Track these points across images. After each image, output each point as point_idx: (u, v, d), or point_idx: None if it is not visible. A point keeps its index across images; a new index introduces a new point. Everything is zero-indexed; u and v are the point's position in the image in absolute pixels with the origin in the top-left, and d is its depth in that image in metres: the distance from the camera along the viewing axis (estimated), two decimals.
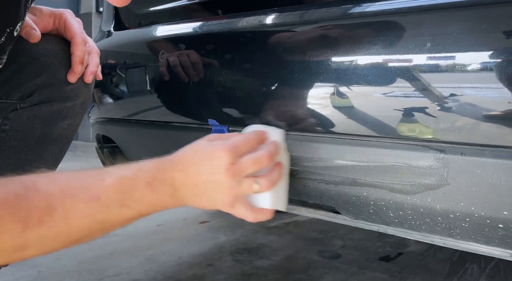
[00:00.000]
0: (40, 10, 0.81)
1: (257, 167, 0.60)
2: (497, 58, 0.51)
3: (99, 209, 0.54)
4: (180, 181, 0.58)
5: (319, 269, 1.25)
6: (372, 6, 0.63)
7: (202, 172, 0.58)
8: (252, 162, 0.60)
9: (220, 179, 0.58)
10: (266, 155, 0.61)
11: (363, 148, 0.64)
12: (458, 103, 0.54)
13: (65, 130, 0.84)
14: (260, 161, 0.60)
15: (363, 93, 0.63)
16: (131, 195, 0.55)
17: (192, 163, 0.59)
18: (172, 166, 0.59)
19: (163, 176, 0.58)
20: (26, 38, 0.76)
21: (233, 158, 0.58)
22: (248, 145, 0.62)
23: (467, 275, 1.22)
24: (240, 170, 0.59)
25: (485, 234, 0.59)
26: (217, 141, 0.61)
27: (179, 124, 0.93)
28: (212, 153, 0.59)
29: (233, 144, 0.59)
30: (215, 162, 0.58)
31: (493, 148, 0.54)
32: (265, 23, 0.75)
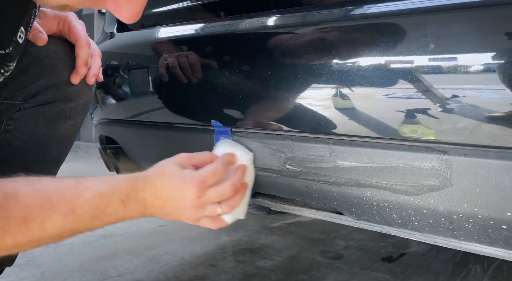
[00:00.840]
0: (44, 13, 0.82)
1: (221, 198, 0.67)
2: (499, 59, 0.51)
3: (73, 221, 0.59)
4: (150, 202, 0.65)
5: (322, 269, 1.25)
6: (374, 8, 0.63)
7: (170, 198, 0.65)
8: (217, 195, 0.67)
9: (186, 207, 0.66)
10: (230, 189, 0.67)
11: (365, 150, 0.64)
12: (460, 104, 0.54)
13: (68, 130, 0.85)
14: (224, 194, 0.67)
15: (366, 95, 0.63)
16: (104, 210, 0.61)
17: (162, 188, 0.65)
18: (144, 188, 0.65)
19: (136, 196, 0.64)
20: (33, 41, 0.77)
21: (200, 192, 0.65)
22: (216, 177, 0.67)
23: (470, 276, 1.22)
24: (205, 202, 0.66)
25: (488, 235, 0.59)
26: (187, 172, 0.66)
27: (182, 125, 0.93)
28: (181, 185, 0.65)
29: (201, 179, 0.65)
30: (183, 193, 0.65)
31: (496, 149, 0.54)
32: (267, 24, 0.76)
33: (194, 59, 0.85)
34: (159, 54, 0.92)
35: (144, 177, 0.66)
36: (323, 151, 0.69)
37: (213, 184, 0.67)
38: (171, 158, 0.70)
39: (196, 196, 0.65)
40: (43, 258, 1.28)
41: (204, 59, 0.84)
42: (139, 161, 1.17)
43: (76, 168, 2.65)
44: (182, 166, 0.68)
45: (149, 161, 1.16)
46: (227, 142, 0.78)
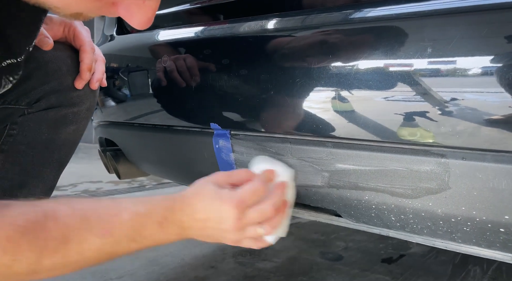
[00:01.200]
0: (50, 19, 0.83)
1: (262, 219, 0.64)
2: (497, 62, 0.51)
3: (110, 244, 0.57)
4: (188, 224, 0.63)
5: (322, 271, 1.25)
6: (373, 12, 0.63)
7: (209, 220, 0.63)
8: (258, 216, 0.64)
9: (226, 229, 0.63)
10: (271, 209, 0.64)
11: (364, 152, 0.65)
12: (459, 107, 0.55)
13: (71, 135, 0.86)
14: (265, 214, 0.64)
15: (364, 98, 0.63)
16: (141, 232, 0.60)
17: (199, 210, 0.63)
18: (182, 209, 0.63)
19: (173, 218, 0.62)
20: (39, 45, 0.78)
21: (240, 213, 0.62)
22: (256, 197, 0.64)
23: (469, 277, 1.22)
24: (246, 223, 0.63)
25: (486, 238, 0.59)
26: (226, 192, 0.63)
27: (181, 128, 0.93)
28: (220, 206, 0.62)
29: (241, 199, 0.62)
30: (222, 214, 0.62)
31: (494, 152, 0.54)
32: (266, 28, 0.76)
33: (193, 62, 0.85)
34: (158, 57, 0.93)
35: (181, 197, 0.64)
36: (322, 154, 0.69)
37: (253, 203, 0.64)
38: (208, 177, 0.67)
39: (236, 217, 0.62)
40: None
41: (203, 62, 0.84)
42: (139, 163, 1.17)
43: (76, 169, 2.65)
44: (219, 186, 0.65)
45: (148, 163, 1.17)
46: (265, 158, 0.74)
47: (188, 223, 0.63)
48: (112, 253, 0.59)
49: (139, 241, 0.60)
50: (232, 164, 0.83)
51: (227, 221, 0.62)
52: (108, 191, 2.31)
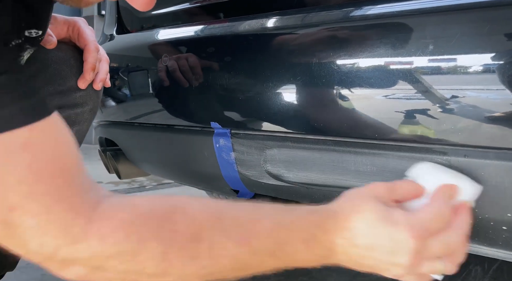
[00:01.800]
0: (54, 18, 0.83)
1: (448, 253, 0.50)
2: (499, 60, 0.51)
3: (247, 254, 0.48)
4: (343, 249, 0.50)
5: (322, 271, 1.25)
6: (373, 9, 0.63)
7: (375, 249, 0.49)
8: (443, 249, 0.50)
9: (398, 263, 0.49)
10: (462, 241, 0.50)
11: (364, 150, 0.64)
12: (460, 104, 0.55)
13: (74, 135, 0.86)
14: (451, 247, 0.50)
15: (366, 96, 0.63)
16: (283, 248, 0.49)
17: (363, 235, 0.49)
18: (336, 229, 0.50)
19: (324, 237, 0.50)
20: (43, 44, 0.78)
21: (421, 245, 0.48)
22: (442, 223, 0.50)
23: (470, 277, 1.22)
24: (425, 257, 0.50)
25: (488, 236, 0.59)
26: (400, 214, 0.49)
27: (181, 127, 0.93)
28: (395, 233, 0.48)
29: (422, 226, 0.48)
30: (396, 246, 0.48)
31: (496, 150, 0.54)
32: (267, 26, 0.76)
33: (193, 61, 0.85)
34: (158, 56, 0.93)
35: (334, 213, 0.51)
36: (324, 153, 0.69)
37: (437, 232, 0.50)
38: (365, 189, 0.53)
39: (416, 250, 0.48)
40: None
41: (204, 61, 0.84)
42: (139, 163, 1.17)
43: None
44: (384, 203, 0.51)
45: (148, 163, 1.17)
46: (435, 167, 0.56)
47: (343, 248, 0.50)
48: (247, 266, 0.48)
49: (279, 257, 0.49)
50: (233, 164, 0.83)
51: (403, 254, 0.48)
52: None
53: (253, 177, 0.82)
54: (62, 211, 0.43)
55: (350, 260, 0.51)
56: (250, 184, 0.85)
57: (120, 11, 1.14)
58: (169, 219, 0.46)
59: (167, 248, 0.45)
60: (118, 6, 1.15)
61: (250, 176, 0.82)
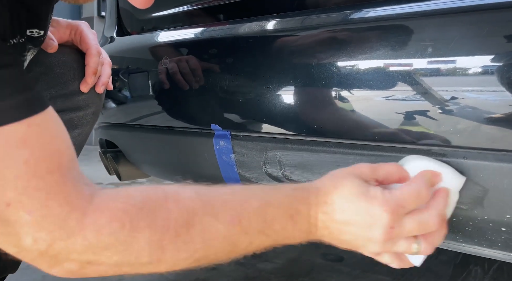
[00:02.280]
0: (57, 21, 0.84)
1: (421, 232, 0.52)
2: (498, 61, 0.52)
3: (237, 234, 0.50)
4: (324, 224, 0.52)
5: (322, 272, 1.25)
6: (373, 12, 0.64)
7: (352, 224, 0.51)
8: (416, 227, 0.51)
9: (372, 238, 0.51)
10: (436, 220, 0.51)
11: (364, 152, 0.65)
12: (459, 106, 0.55)
13: (76, 139, 0.86)
14: (427, 226, 0.51)
15: (365, 97, 0.63)
16: (271, 225, 0.51)
17: (341, 209, 0.51)
18: (318, 204, 0.52)
19: (307, 213, 0.52)
20: (44, 48, 0.78)
21: (395, 221, 0.50)
22: (418, 201, 0.51)
23: (470, 277, 1.22)
24: (400, 234, 0.51)
25: (488, 238, 0.59)
26: (377, 191, 0.51)
27: (182, 129, 0.93)
28: (370, 208, 0.50)
29: (398, 203, 0.50)
30: (372, 220, 0.50)
31: (495, 151, 0.54)
32: (266, 28, 0.76)
33: (193, 63, 0.85)
34: (158, 58, 0.93)
35: (316, 190, 0.53)
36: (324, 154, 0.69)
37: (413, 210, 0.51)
38: (348, 168, 0.55)
39: (389, 225, 0.49)
40: None
41: (204, 63, 0.84)
42: (139, 164, 1.17)
43: None
44: (364, 181, 0.53)
45: (149, 165, 1.17)
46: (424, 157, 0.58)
47: (324, 222, 0.52)
48: (239, 246, 0.50)
49: (269, 235, 0.51)
50: (233, 165, 0.83)
51: (377, 228, 0.50)
52: None
53: (253, 179, 0.82)
54: (57, 206, 0.43)
55: (331, 235, 0.53)
56: None
57: (120, 13, 1.15)
58: (162, 207, 0.47)
59: (161, 236, 0.46)
60: (118, 8, 1.15)
61: (250, 178, 0.82)
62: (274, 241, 0.52)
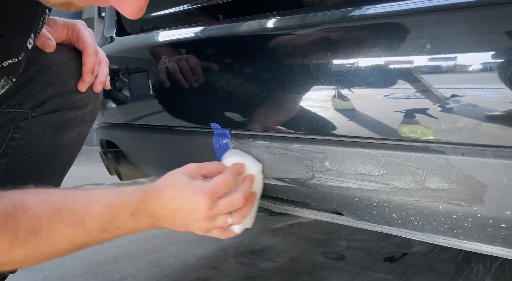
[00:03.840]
0: (54, 21, 0.83)
1: (232, 209, 0.67)
2: (498, 58, 0.51)
3: (82, 234, 0.58)
4: (160, 213, 0.64)
5: (324, 270, 1.25)
6: (372, 9, 0.63)
7: (181, 209, 0.64)
8: (228, 206, 0.66)
9: (198, 218, 0.65)
10: (241, 200, 0.67)
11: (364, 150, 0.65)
12: (459, 104, 0.55)
13: (74, 138, 0.86)
14: (235, 204, 0.67)
15: (365, 95, 0.63)
16: (113, 223, 0.60)
17: (172, 199, 0.64)
18: (154, 199, 0.64)
19: (146, 207, 0.63)
20: (42, 48, 0.78)
21: (211, 203, 0.64)
22: (227, 187, 0.67)
23: (472, 275, 1.22)
24: (216, 213, 0.66)
25: (488, 234, 0.59)
26: (198, 183, 0.66)
27: (182, 128, 0.93)
28: (193, 196, 0.64)
29: (212, 189, 0.65)
30: (194, 204, 0.64)
31: (494, 148, 0.54)
32: (266, 27, 0.76)
33: (193, 62, 0.85)
34: (158, 58, 0.93)
35: (154, 188, 0.66)
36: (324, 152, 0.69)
37: (224, 194, 0.67)
38: (180, 168, 0.70)
39: (207, 207, 0.64)
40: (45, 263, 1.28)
41: (203, 63, 0.84)
42: (140, 164, 1.18)
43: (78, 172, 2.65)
44: (192, 177, 0.67)
45: (149, 165, 1.17)
46: (236, 152, 0.78)
47: (160, 212, 0.64)
48: (83, 244, 0.59)
49: (111, 231, 0.61)
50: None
51: (199, 210, 0.64)
52: None
53: None
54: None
55: (167, 221, 0.65)
56: None
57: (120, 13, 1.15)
58: (12, 218, 0.52)
59: (11, 245, 0.52)
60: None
61: None
62: (115, 236, 0.62)
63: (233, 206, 0.67)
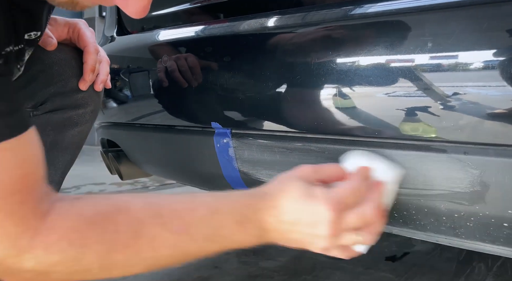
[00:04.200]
0: (55, 20, 0.84)
1: (362, 224, 0.55)
2: (499, 56, 0.51)
3: (186, 242, 0.52)
4: (272, 226, 0.55)
5: (326, 269, 1.25)
6: (373, 7, 0.63)
7: (299, 223, 0.54)
8: (357, 221, 0.55)
9: (319, 235, 0.54)
10: (373, 213, 0.55)
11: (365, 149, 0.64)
12: (461, 102, 0.54)
13: (75, 137, 0.87)
14: (366, 219, 0.55)
15: (366, 94, 0.63)
16: (219, 231, 0.54)
17: (288, 211, 0.55)
18: (265, 208, 0.55)
19: (255, 217, 0.55)
20: (43, 46, 0.79)
21: (338, 217, 0.53)
22: (356, 198, 0.55)
23: (474, 274, 1.21)
24: (343, 228, 0.55)
25: (490, 233, 0.59)
26: (319, 190, 0.55)
27: (182, 128, 0.93)
28: (314, 207, 0.54)
29: (338, 199, 0.54)
30: (316, 217, 0.54)
31: (497, 146, 0.54)
32: (266, 25, 0.76)
33: (193, 61, 0.85)
34: (159, 57, 0.93)
35: (263, 194, 0.56)
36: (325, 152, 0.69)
37: (352, 205, 0.55)
38: (292, 171, 0.59)
39: (333, 221, 0.53)
40: None
41: (204, 61, 0.84)
42: (141, 164, 1.18)
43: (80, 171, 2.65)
44: (308, 182, 0.56)
45: (150, 164, 1.17)
46: (363, 153, 0.62)
47: (273, 225, 0.55)
48: (188, 252, 0.53)
49: (217, 241, 0.54)
50: (234, 163, 0.83)
51: (322, 225, 0.53)
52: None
53: (254, 177, 0.82)
54: (12, 225, 0.46)
55: (280, 236, 0.56)
56: (251, 183, 0.85)
57: (121, 12, 1.15)
58: (111, 220, 0.50)
59: (110, 248, 0.49)
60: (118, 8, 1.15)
61: (251, 175, 0.82)
62: (224, 246, 0.55)
63: (363, 221, 0.55)
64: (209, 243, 0.54)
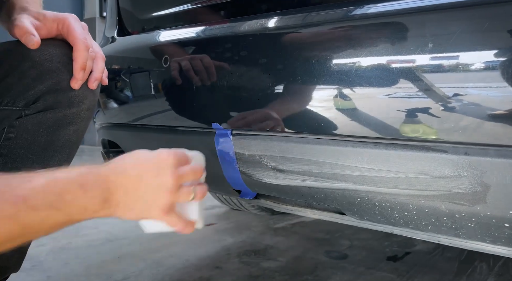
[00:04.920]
0: (44, 15, 0.79)
1: (194, 177, 0.62)
2: (500, 57, 0.51)
3: (24, 211, 0.51)
4: (117, 184, 0.56)
5: (327, 269, 1.25)
6: (374, 8, 0.63)
7: (145, 175, 0.57)
8: (191, 172, 0.62)
9: (165, 180, 0.58)
10: (200, 168, 0.64)
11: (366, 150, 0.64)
12: (461, 103, 0.54)
13: (71, 136, 0.83)
14: (196, 172, 0.63)
15: (366, 95, 0.63)
16: (62, 197, 0.53)
17: (134, 166, 0.58)
18: (109, 169, 0.57)
19: (98, 178, 0.56)
20: (25, 44, 0.74)
21: (178, 163, 0.60)
22: (185, 158, 0.63)
23: (475, 274, 1.21)
24: (182, 176, 0.60)
25: (491, 234, 0.59)
26: (158, 149, 0.61)
27: (183, 128, 0.93)
28: (159, 156, 0.59)
29: (175, 152, 0.61)
30: (161, 163, 0.58)
31: (497, 147, 0.53)
32: (267, 26, 0.76)
33: (193, 62, 0.85)
34: (159, 57, 0.93)
35: (107, 163, 0.59)
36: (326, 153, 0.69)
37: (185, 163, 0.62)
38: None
39: (175, 164, 0.59)
40: (48, 263, 1.28)
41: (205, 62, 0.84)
42: None
43: None
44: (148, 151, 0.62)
45: None
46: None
47: (117, 183, 0.56)
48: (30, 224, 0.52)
49: (61, 209, 0.53)
50: (235, 163, 0.83)
51: (167, 170, 0.58)
52: None
53: (254, 177, 0.82)
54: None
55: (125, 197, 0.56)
56: (252, 184, 0.85)
57: (121, 13, 1.15)
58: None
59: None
60: (118, 8, 1.15)
61: (251, 176, 0.82)
62: (68, 215, 0.54)
63: (195, 174, 0.62)
64: (53, 211, 0.53)
